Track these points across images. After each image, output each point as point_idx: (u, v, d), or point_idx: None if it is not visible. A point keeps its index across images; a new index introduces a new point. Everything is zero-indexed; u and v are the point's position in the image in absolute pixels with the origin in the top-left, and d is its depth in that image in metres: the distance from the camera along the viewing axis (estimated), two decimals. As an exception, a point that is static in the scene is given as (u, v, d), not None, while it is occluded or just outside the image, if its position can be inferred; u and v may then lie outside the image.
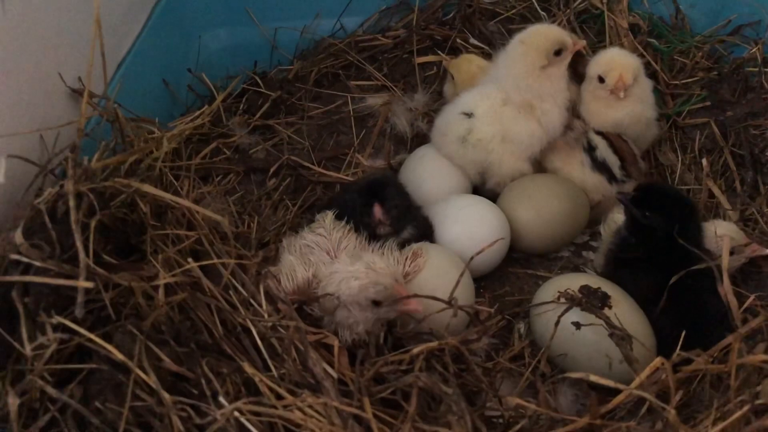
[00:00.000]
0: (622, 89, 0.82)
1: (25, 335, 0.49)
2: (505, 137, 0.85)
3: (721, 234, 0.70)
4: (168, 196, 0.59)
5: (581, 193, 0.85)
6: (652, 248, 0.72)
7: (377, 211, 0.74)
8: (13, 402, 0.50)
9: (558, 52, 0.83)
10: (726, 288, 0.60)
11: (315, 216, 0.77)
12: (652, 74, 0.97)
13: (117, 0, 0.85)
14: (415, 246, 0.74)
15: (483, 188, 0.88)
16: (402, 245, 0.75)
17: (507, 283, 0.82)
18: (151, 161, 0.67)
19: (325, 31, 1.07)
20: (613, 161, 0.84)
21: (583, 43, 0.84)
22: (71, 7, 0.72)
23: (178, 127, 0.77)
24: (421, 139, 0.95)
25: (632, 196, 0.73)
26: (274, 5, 1.06)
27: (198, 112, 0.89)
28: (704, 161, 0.86)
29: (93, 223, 0.55)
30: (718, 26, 1.00)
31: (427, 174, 0.88)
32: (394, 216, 0.75)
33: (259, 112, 0.93)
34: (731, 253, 0.69)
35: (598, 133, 0.85)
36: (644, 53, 0.98)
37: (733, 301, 0.59)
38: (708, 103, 0.92)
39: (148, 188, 0.58)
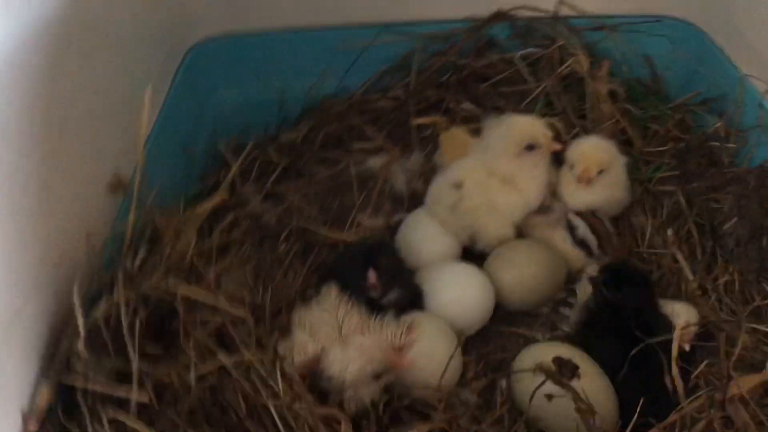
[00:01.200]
0: (585, 181, 0.92)
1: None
2: (490, 206, 0.95)
3: (674, 313, 0.81)
4: (201, 296, 0.69)
5: (558, 256, 0.96)
6: (617, 321, 0.82)
7: (371, 276, 0.84)
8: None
9: (530, 147, 0.93)
10: (673, 373, 0.70)
11: (322, 287, 0.87)
12: (627, 140, 1.07)
13: (141, 77, 0.94)
14: (409, 318, 0.84)
15: (473, 249, 0.98)
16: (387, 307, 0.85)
17: (492, 341, 0.92)
18: (181, 253, 0.77)
19: (330, 89, 1.16)
20: (591, 239, 0.95)
21: (558, 147, 0.93)
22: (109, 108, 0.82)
23: (200, 207, 0.86)
24: (417, 198, 1.04)
25: (600, 277, 0.83)
26: (282, 66, 1.15)
27: (216, 179, 0.99)
28: (669, 231, 0.96)
29: (138, 325, 0.66)
30: (688, 96, 1.09)
31: (421, 238, 0.98)
32: (384, 281, 0.84)
33: (270, 179, 1.03)
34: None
35: (577, 214, 0.96)
36: (621, 120, 1.08)
37: (678, 384, 0.70)
38: (677, 173, 1.02)
39: (184, 290, 0.68)
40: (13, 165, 0.60)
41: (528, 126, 0.95)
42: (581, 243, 0.96)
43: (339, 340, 0.74)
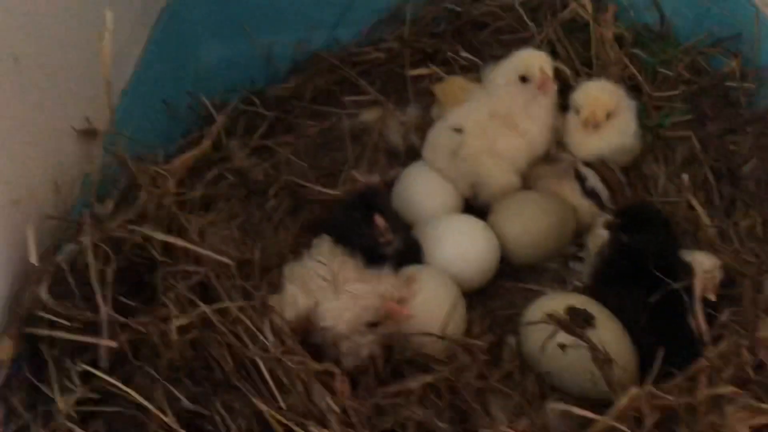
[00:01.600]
0: (592, 125, 0.86)
1: (55, 385, 0.53)
2: (492, 152, 0.89)
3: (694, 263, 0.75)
4: (178, 241, 0.63)
5: (567, 206, 0.90)
6: (636, 268, 0.76)
7: (379, 220, 0.77)
8: (45, 444, 0.54)
9: (523, 79, 0.87)
10: (698, 317, 0.64)
11: (313, 241, 0.81)
12: (635, 86, 1.01)
13: (120, 25, 0.87)
14: (409, 270, 0.78)
15: (475, 201, 0.92)
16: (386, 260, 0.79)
17: (498, 297, 0.86)
18: (158, 199, 0.71)
19: (319, 43, 1.10)
20: (602, 190, 0.89)
21: (546, 84, 0.87)
22: (77, 44, 0.75)
23: (180, 159, 0.80)
24: (414, 152, 0.98)
25: (617, 221, 0.77)
26: (269, 18, 1.09)
27: (200, 135, 0.93)
28: (685, 177, 0.90)
29: (110, 273, 0.59)
30: (699, 38, 1.03)
31: (419, 192, 0.91)
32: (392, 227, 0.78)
33: (257, 133, 0.96)
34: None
35: (586, 164, 0.89)
36: (629, 65, 1.02)
37: (704, 330, 0.64)
38: (690, 117, 0.96)
39: (159, 235, 0.62)
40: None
41: (525, 56, 0.90)
42: (591, 194, 0.90)
43: (333, 289, 0.68)
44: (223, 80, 1.06)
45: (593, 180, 0.90)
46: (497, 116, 0.89)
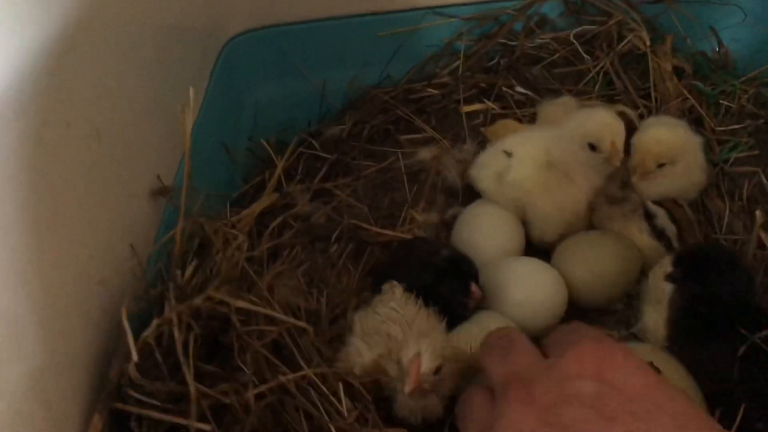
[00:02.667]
0: (641, 175, 0.85)
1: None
2: (544, 189, 0.88)
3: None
4: (253, 307, 0.64)
5: (632, 248, 0.88)
6: (711, 317, 0.73)
7: (476, 289, 0.77)
8: None
9: (592, 147, 0.84)
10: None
11: (381, 285, 0.81)
12: (697, 119, 0.99)
13: (182, 77, 0.88)
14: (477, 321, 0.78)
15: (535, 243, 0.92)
16: (461, 317, 0.79)
17: (564, 342, 0.85)
18: (231, 259, 0.72)
19: (372, 79, 1.10)
20: (671, 230, 0.87)
21: (617, 159, 0.83)
22: (155, 114, 0.77)
23: (248, 211, 0.81)
24: (472, 190, 0.98)
25: (677, 271, 0.75)
26: (322, 57, 1.09)
27: (260, 179, 0.94)
28: (758, 213, 0.87)
29: (192, 343, 0.60)
30: (762, 68, 1.01)
31: (481, 232, 0.91)
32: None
33: (318, 176, 0.97)
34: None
35: (654, 202, 0.88)
36: (689, 97, 1.00)
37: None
38: (756, 152, 0.93)
39: (238, 303, 0.63)
40: (52, 177, 0.55)
41: (598, 124, 0.85)
42: (660, 234, 0.88)
43: (410, 334, 0.68)
44: (278, 120, 1.07)
45: (662, 219, 0.88)
46: (552, 163, 0.88)
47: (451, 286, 0.77)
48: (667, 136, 0.87)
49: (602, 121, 0.84)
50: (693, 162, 0.89)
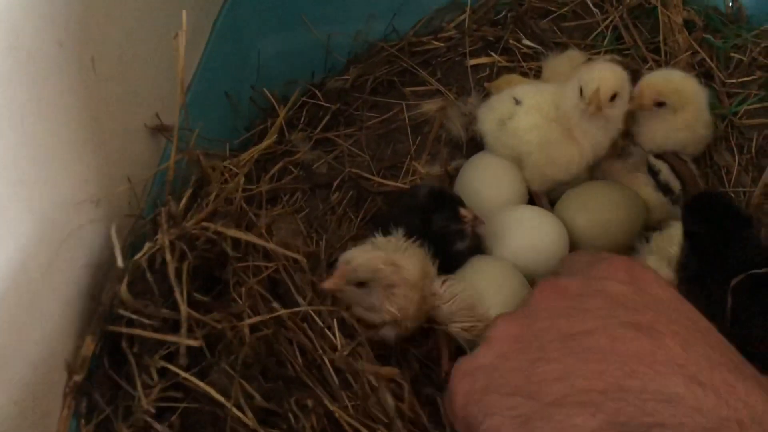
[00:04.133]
0: (594, 108, 0.80)
1: (138, 382, 0.54)
2: (543, 144, 0.86)
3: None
4: (250, 238, 0.63)
5: (637, 200, 0.87)
6: (715, 260, 0.72)
7: (466, 211, 0.75)
8: (127, 438, 0.55)
9: (613, 98, 0.82)
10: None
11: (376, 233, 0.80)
12: (707, 73, 0.97)
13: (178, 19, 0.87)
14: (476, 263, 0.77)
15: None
16: (455, 257, 0.78)
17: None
18: (228, 194, 0.71)
19: (378, 33, 1.09)
20: (675, 184, 0.86)
21: (593, 106, 0.81)
22: (148, 43, 0.76)
23: (247, 153, 0.80)
24: (476, 143, 0.97)
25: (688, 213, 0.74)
26: (327, 10, 1.08)
27: (263, 128, 0.93)
28: (769, 170, 0.86)
29: (185, 270, 0.60)
30: (776, 20, 0.99)
31: (484, 182, 0.90)
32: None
33: (320, 125, 0.96)
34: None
35: (658, 156, 0.86)
36: (699, 50, 0.98)
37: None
38: (767, 104, 0.92)
39: (233, 232, 0.62)
40: (43, 97, 0.54)
41: (592, 72, 0.83)
42: (665, 188, 0.87)
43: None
44: (282, 73, 1.06)
45: (666, 173, 0.87)
46: (560, 122, 0.86)
47: (439, 219, 0.75)
48: (670, 75, 0.86)
49: (596, 69, 0.83)
50: (697, 114, 0.87)
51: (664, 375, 0.35)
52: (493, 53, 1.04)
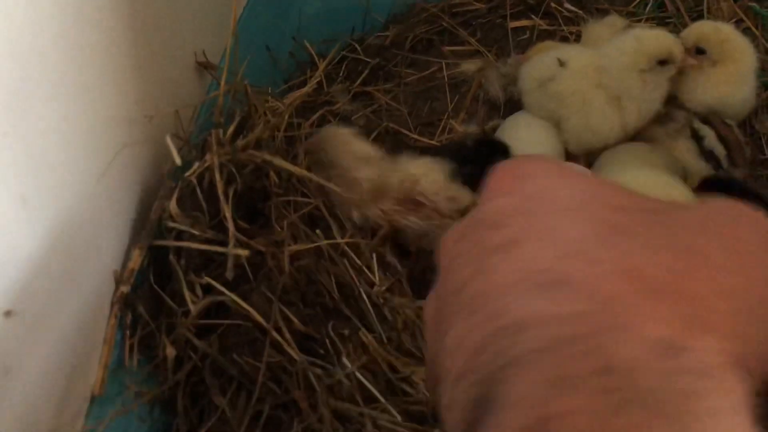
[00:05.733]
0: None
1: (186, 294, 0.55)
2: (584, 111, 0.86)
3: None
4: (296, 170, 0.64)
5: (676, 164, 0.86)
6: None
7: None
8: (170, 352, 0.56)
9: (663, 62, 0.82)
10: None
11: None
12: (752, 41, 0.96)
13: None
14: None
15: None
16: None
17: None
18: (271, 132, 0.72)
19: (419, -6, 1.09)
20: (720, 151, 0.84)
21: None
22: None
23: (291, 96, 0.81)
24: (514, 104, 0.97)
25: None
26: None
27: (305, 80, 0.94)
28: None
29: (232, 193, 0.61)
30: (824, -11, 0.97)
31: (520, 142, 0.90)
32: None
33: (359, 79, 0.97)
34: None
35: (704, 122, 0.86)
36: (744, 18, 0.97)
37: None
38: (811, 72, 0.91)
39: (279, 161, 0.63)
40: (97, 21, 0.55)
41: (666, 39, 0.84)
42: (709, 155, 0.86)
43: None
44: (323, 31, 1.06)
45: (711, 140, 0.86)
46: (605, 88, 0.85)
47: (478, 168, 0.75)
48: (720, 26, 0.85)
49: (665, 37, 0.84)
50: (742, 73, 0.86)
51: (521, 295, 0.26)
52: (534, 16, 1.04)
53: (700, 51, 0.84)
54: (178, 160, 0.54)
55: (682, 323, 0.23)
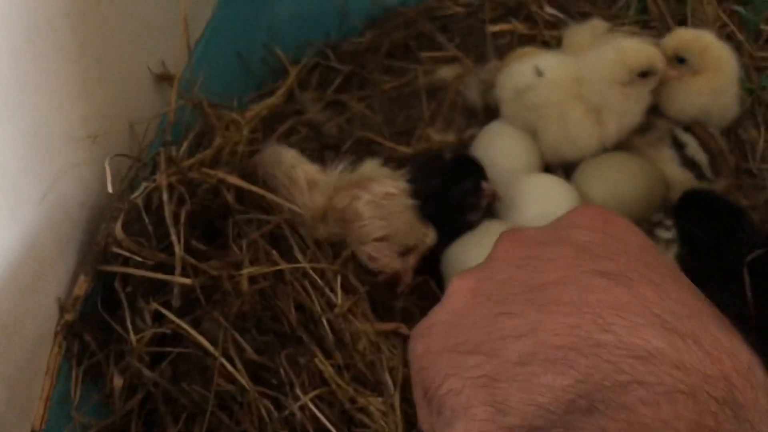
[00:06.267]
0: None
1: (129, 323, 0.53)
2: (561, 122, 0.83)
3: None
4: (252, 188, 0.61)
5: (656, 173, 0.84)
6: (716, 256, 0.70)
7: (487, 186, 0.74)
8: (117, 382, 0.54)
9: (644, 74, 0.79)
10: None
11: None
12: (736, 46, 0.94)
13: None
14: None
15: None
16: (465, 225, 0.76)
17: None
18: (232, 146, 0.69)
19: (396, -2, 1.06)
20: (702, 159, 0.82)
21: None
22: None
23: (255, 108, 0.78)
24: (492, 112, 0.94)
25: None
26: (344, -29, 1.06)
27: (273, 88, 0.91)
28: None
29: (184, 214, 0.58)
30: (810, -8, 0.94)
31: (499, 151, 0.87)
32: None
33: (331, 87, 0.94)
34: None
35: (686, 129, 0.83)
36: (728, 22, 0.95)
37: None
38: (796, 78, 0.88)
39: (233, 179, 0.60)
40: (47, 34, 0.52)
41: (644, 50, 0.81)
42: (691, 163, 0.83)
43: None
44: (296, 35, 1.03)
45: (693, 147, 0.83)
46: (583, 100, 0.82)
47: (459, 189, 0.73)
48: (701, 34, 0.82)
49: (647, 49, 0.80)
50: (724, 82, 0.83)
51: (641, 327, 0.30)
52: (514, 20, 1.01)
53: (680, 60, 0.81)
54: (110, 188, 0.52)
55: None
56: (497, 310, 0.33)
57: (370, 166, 0.70)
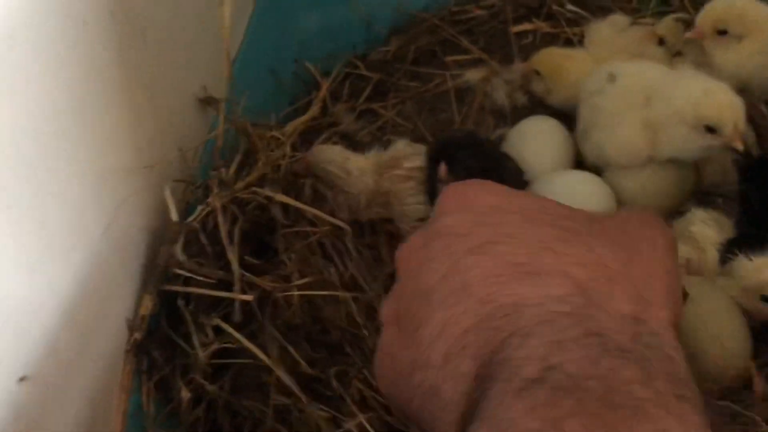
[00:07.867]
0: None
1: (195, 339, 0.56)
2: (617, 127, 0.82)
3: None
4: (296, 203, 0.65)
5: (689, 166, 0.84)
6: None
7: (442, 170, 0.75)
8: (185, 394, 0.58)
9: (711, 130, 0.73)
10: None
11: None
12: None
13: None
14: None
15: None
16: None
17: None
18: (274, 162, 0.73)
19: (419, 4, 1.09)
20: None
21: (739, 144, 0.71)
22: (196, 12, 0.77)
23: (293, 123, 0.82)
24: (520, 111, 0.96)
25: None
26: (367, -18, 1.08)
27: (306, 102, 0.95)
28: None
29: (237, 233, 0.62)
30: None
31: (530, 148, 0.89)
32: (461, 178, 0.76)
33: (362, 96, 0.97)
34: None
35: None
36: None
37: None
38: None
39: (280, 197, 0.64)
40: (100, 70, 0.56)
41: (717, 102, 0.73)
42: None
43: None
44: (324, 48, 1.06)
45: None
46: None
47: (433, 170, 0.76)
48: (732, 2, 0.81)
49: (724, 102, 0.73)
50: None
51: (505, 284, 0.34)
52: (536, 19, 1.03)
53: (722, 32, 0.81)
54: (174, 216, 0.55)
55: (635, 301, 0.33)
56: (413, 326, 0.37)
57: (401, 145, 0.80)
